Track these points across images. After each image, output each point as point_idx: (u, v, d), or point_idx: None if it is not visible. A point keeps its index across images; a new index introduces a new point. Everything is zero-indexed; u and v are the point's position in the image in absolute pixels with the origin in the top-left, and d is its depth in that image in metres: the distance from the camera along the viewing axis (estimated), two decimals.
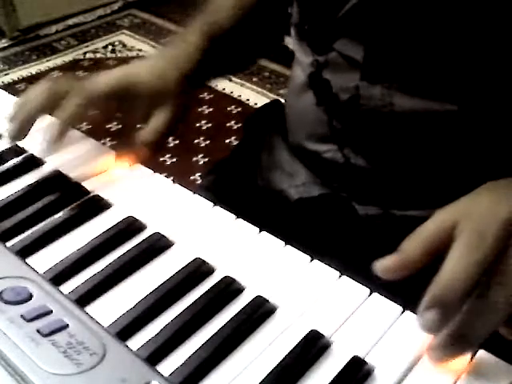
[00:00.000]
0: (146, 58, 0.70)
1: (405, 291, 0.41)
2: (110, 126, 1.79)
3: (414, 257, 0.40)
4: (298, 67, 0.66)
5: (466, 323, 0.37)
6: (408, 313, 0.42)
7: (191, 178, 1.72)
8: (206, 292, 0.44)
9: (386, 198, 0.61)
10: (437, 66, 0.53)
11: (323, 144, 0.63)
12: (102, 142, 0.59)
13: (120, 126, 1.83)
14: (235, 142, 1.86)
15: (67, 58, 2.44)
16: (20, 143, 0.60)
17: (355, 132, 0.60)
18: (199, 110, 1.98)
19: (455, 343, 0.38)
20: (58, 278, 0.45)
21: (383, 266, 0.41)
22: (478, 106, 0.54)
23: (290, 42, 0.76)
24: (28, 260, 0.47)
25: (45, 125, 0.63)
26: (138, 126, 0.63)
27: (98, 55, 2.46)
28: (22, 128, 0.58)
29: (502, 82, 0.53)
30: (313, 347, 0.40)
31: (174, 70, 0.64)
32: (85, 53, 2.48)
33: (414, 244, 0.41)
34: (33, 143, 0.60)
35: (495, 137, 0.56)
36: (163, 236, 0.49)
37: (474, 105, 0.54)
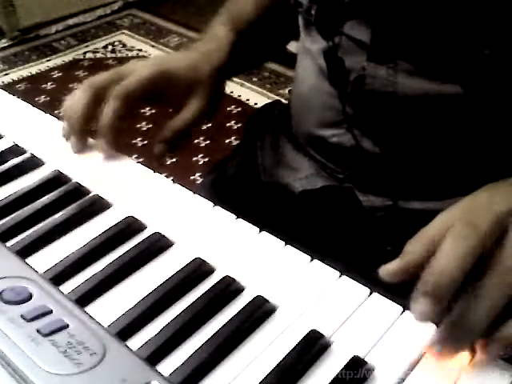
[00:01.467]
0: (179, 52, 0.71)
1: (405, 291, 0.41)
2: None
3: (417, 259, 0.41)
4: (306, 57, 0.66)
5: (463, 313, 0.38)
6: (408, 313, 0.42)
7: (191, 177, 1.72)
8: (206, 292, 0.44)
9: (392, 185, 0.61)
10: (442, 47, 0.53)
11: (331, 129, 0.64)
12: None
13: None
14: (235, 142, 1.86)
15: (67, 58, 2.45)
16: (20, 143, 0.60)
17: (363, 113, 0.60)
18: None
19: (454, 335, 0.38)
20: (58, 278, 0.45)
21: (389, 270, 0.42)
22: (483, 88, 0.54)
23: (291, 43, 0.77)
24: (28, 260, 0.47)
25: (46, 125, 0.63)
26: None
27: (98, 55, 2.46)
28: (80, 141, 0.59)
29: (506, 62, 0.53)
30: (313, 347, 0.40)
31: (206, 63, 0.65)
32: (85, 53, 2.48)
33: (417, 246, 0.41)
34: (33, 143, 0.60)
35: (501, 122, 0.56)
36: (163, 236, 0.49)
37: (479, 87, 0.54)
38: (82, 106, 0.58)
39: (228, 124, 1.95)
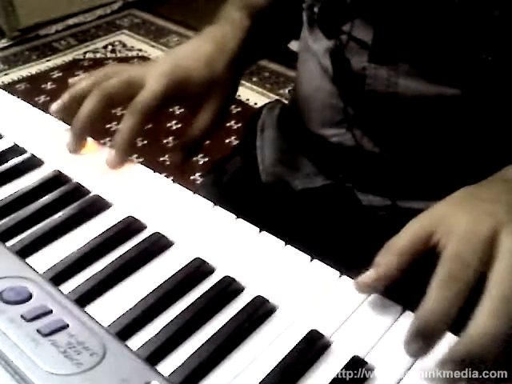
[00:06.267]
0: (192, 40, 0.67)
1: (405, 291, 0.41)
2: (109, 125, 1.79)
3: (391, 270, 0.41)
4: (309, 56, 0.66)
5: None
6: (408, 313, 0.42)
7: (191, 177, 1.72)
8: (206, 292, 0.44)
9: (392, 185, 0.61)
10: (443, 50, 0.54)
11: (332, 128, 0.63)
12: (102, 141, 0.59)
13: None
14: (235, 142, 1.86)
15: (67, 57, 2.45)
16: (20, 143, 0.60)
17: (363, 113, 0.60)
18: None
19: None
20: (58, 277, 0.45)
21: (362, 283, 0.42)
22: (482, 90, 0.54)
23: (291, 43, 0.77)
24: (28, 260, 0.47)
25: (46, 125, 0.63)
26: None
27: (98, 55, 2.46)
28: (79, 142, 0.58)
29: (506, 68, 0.53)
30: (313, 347, 0.40)
31: (221, 54, 0.63)
32: (85, 53, 2.48)
33: (389, 257, 0.41)
34: (33, 143, 0.60)
35: (499, 124, 0.56)
36: (163, 236, 0.49)
37: (478, 90, 0.54)
38: (92, 112, 0.57)
39: (228, 124, 1.95)
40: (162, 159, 1.81)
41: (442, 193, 0.45)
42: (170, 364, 0.39)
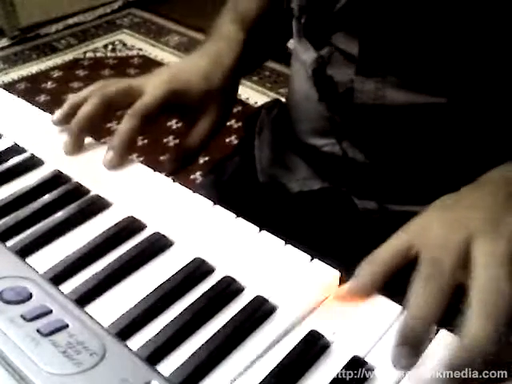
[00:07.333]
0: (188, 57, 0.68)
1: (405, 291, 0.41)
2: (110, 125, 1.79)
3: (371, 282, 0.41)
4: (297, 63, 0.66)
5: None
6: None
7: (191, 177, 1.72)
8: (206, 292, 0.44)
9: (383, 192, 0.62)
10: (429, 60, 0.54)
11: (322, 138, 0.64)
12: (102, 141, 0.59)
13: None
14: (235, 141, 1.85)
15: (67, 57, 2.45)
16: (20, 143, 0.60)
17: (352, 125, 0.60)
18: None
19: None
20: (58, 277, 0.45)
21: (341, 297, 0.42)
22: (467, 99, 0.54)
23: (290, 42, 0.77)
24: (28, 260, 0.47)
25: (46, 124, 0.63)
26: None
27: (98, 54, 2.46)
28: (76, 144, 0.58)
29: (491, 77, 0.53)
30: (313, 347, 0.40)
31: (218, 68, 0.64)
32: (85, 52, 2.48)
33: (370, 269, 0.42)
34: (33, 143, 0.60)
35: (485, 130, 0.56)
36: (163, 236, 0.49)
37: (463, 98, 0.54)
38: (91, 114, 0.58)
39: (228, 123, 1.94)
40: (162, 158, 1.81)
41: (432, 197, 0.45)
42: (170, 364, 0.39)
